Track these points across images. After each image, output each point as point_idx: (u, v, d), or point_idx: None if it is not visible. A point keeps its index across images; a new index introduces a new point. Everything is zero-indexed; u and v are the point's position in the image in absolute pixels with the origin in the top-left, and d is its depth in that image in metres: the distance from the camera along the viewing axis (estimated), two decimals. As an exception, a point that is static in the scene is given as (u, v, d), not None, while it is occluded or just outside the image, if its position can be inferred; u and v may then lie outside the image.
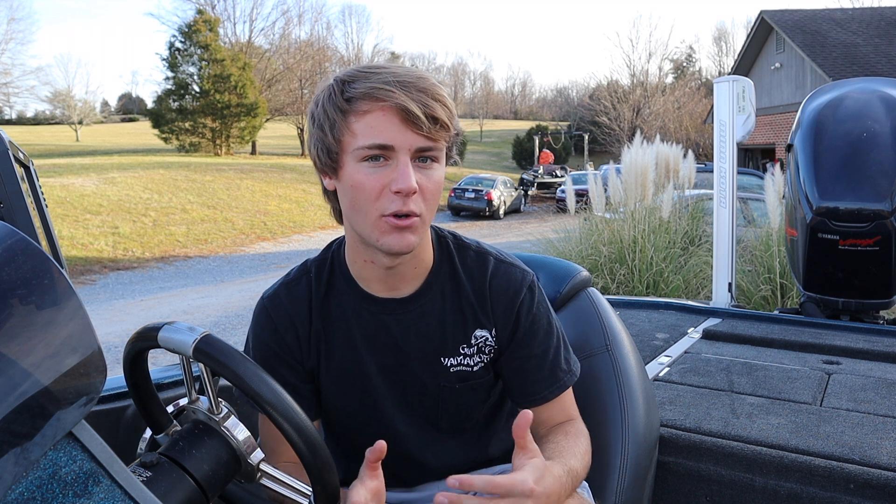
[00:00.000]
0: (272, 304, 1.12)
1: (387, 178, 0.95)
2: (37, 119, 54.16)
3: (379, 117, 0.94)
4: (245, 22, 40.97)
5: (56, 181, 14.58)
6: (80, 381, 0.63)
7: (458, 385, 1.12)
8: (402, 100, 0.93)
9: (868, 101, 2.84)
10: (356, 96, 0.95)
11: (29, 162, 1.90)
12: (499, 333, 1.12)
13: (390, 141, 0.94)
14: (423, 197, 0.97)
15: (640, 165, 5.57)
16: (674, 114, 34.52)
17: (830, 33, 18.66)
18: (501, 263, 1.13)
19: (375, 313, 1.10)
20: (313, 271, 1.13)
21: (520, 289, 1.11)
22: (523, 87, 74.40)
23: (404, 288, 1.09)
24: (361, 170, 0.96)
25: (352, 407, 1.13)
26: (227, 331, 6.62)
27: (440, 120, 0.95)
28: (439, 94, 0.96)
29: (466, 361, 1.11)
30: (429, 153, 0.97)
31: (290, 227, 15.54)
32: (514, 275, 1.12)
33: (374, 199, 0.96)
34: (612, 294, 4.95)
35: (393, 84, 0.94)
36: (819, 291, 2.89)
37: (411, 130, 0.94)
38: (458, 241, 1.15)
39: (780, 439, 1.54)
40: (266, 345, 1.10)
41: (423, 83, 0.95)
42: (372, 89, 0.94)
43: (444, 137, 0.98)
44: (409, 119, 0.93)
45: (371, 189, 0.96)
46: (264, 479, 0.89)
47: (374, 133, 0.94)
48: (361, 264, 1.08)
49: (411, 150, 0.95)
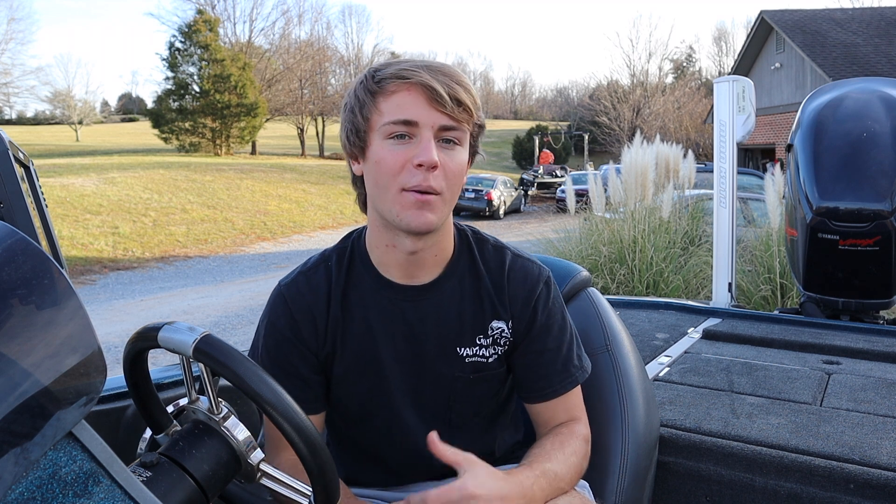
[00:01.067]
0: (290, 293, 1.12)
1: (410, 154, 0.99)
2: (37, 119, 54.17)
3: (405, 96, 0.99)
4: (245, 22, 40.99)
5: (56, 181, 14.58)
6: (80, 381, 0.62)
7: (473, 376, 1.13)
8: (426, 79, 0.98)
9: (868, 101, 2.84)
10: (385, 77, 1.01)
11: (29, 162, 1.90)
12: (515, 326, 1.14)
13: (415, 117, 0.99)
14: (444, 175, 1.00)
15: (640, 165, 5.57)
16: (674, 114, 34.52)
17: (830, 33, 18.66)
18: (518, 258, 1.16)
19: (394, 300, 1.11)
20: (333, 259, 1.14)
21: (537, 283, 1.14)
22: (523, 87, 74.52)
23: (424, 276, 1.11)
24: (386, 146, 1.00)
25: (362, 397, 1.14)
26: (227, 331, 6.62)
27: (463, 102, 1.00)
28: (463, 80, 1.02)
29: (482, 352, 1.13)
30: (452, 133, 1.01)
31: (290, 227, 15.54)
32: (532, 269, 1.15)
33: (396, 172, 1.00)
34: (612, 294, 4.95)
35: (420, 66, 1.00)
36: (819, 291, 2.89)
37: (435, 108, 0.99)
38: (476, 235, 1.18)
39: (780, 439, 1.54)
40: (280, 332, 1.11)
41: (447, 69, 1.02)
42: (400, 70, 1.00)
43: (467, 121, 1.02)
44: (433, 97, 0.98)
45: (394, 163, 0.99)
46: (264, 479, 0.89)
47: (399, 110, 0.99)
48: (383, 249, 1.10)
49: (434, 127, 0.99)
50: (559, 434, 1.11)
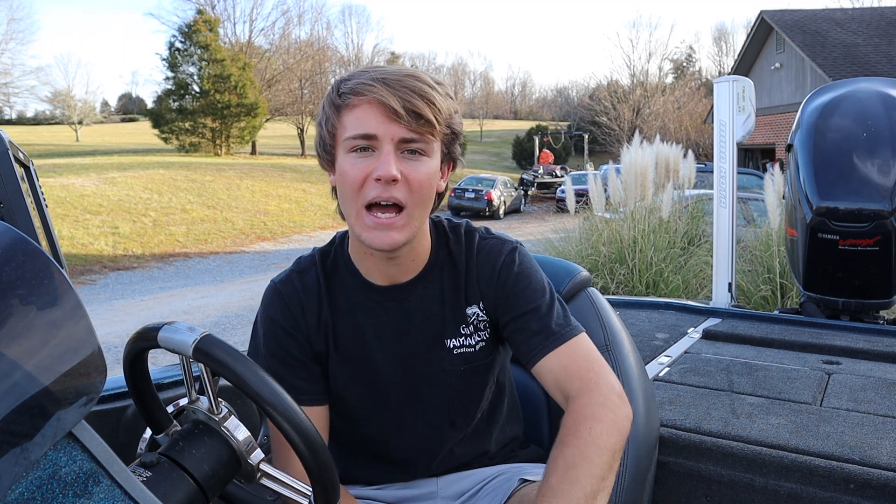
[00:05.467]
0: (285, 288, 1.14)
1: (370, 167, 0.99)
2: (37, 119, 54.15)
3: (365, 110, 0.99)
4: (245, 22, 40.93)
5: (56, 181, 14.58)
6: (80, 381, 0.62)
7: (464, 367, 1.13)
8: (383, 95, 0.97)
9: (868, 101, 2.84)
10: (346, 92, 1.01)
11: (29, 162, 1.90)
12: (486, 304, 1.13)
13: (373, 130, 0.98)
14: (408, 188, 1.00)
15: (639, 165, 5.56)
16: (674, 114, 34.50)
17: (830, 33, 18.66)
18: (486, 239, 1.16)
19: (379, 301, 1.12)
20: (318, 261, 1.16)
21: (500, 254, 1.14)
22: (523, 87, 74.42)
23: (404, 276, 1.12)
24: (349, 160, 1.01)
25: (359, 397, 1.14)
26: (227, 331, 6.61)
27: (423, 116, 0.98)
28: (425, 91, 0.99)
29: (467, 342, 1.13)
30: (414, 145, 1.00)
31: (290, 227, 15.54)
32: (496, 245, 1.15)
33: (357, 187, 1.00)
34: (612, 294, 4.95)
35: (378, 80, 0.99)
36: (819, 291, 2.89)
37: (394, 122, 0.98)
38: (451, 223, 1.19)
39: (780, 439, 1.54)
40: (278, 324, 1.12)
41: (408, 81, 0.99)
42: (358, 85, 0.99)
43: (431, 132, 1.01)
44: (390, 113, 0.97)
45: (355, 177, 1.00)
46: (264, 479, 0.89)
47: (359, 124, 0.99)
48: (362, 255, 1.11)
49: (394, 140, 0.99)
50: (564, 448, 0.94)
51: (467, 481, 1.21)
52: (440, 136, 1.03)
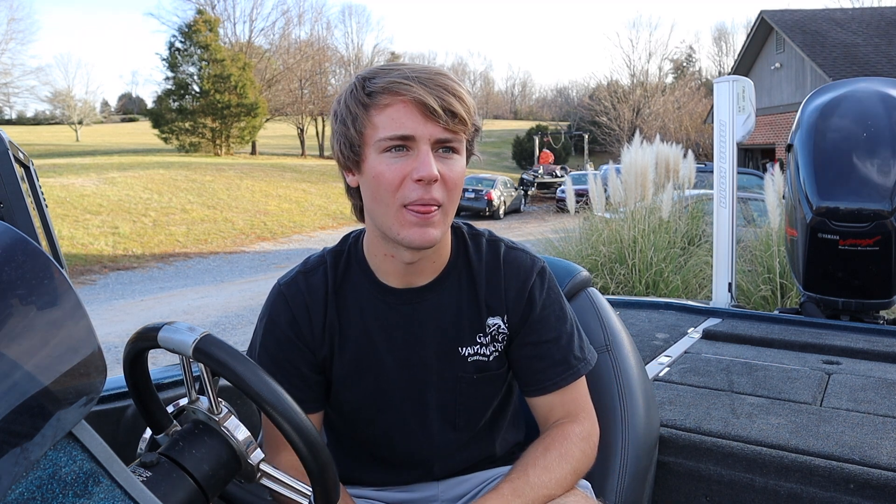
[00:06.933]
0: (290, 291, 1.12)
1: (408, 168, 0.97)
2: (37, 119, 54.14)
3: (399, 110, 0.97)
4: (245, 22, 40.94)
5: (56, 181, 14.58)
6: (80, 381, 0.62)
7: (476, 376, 1.13)
8: (420, 94, 0.95)
9: (868, 101, 2.84)
10: (377, 90, 0.98)
11: (29, 162, 1.90)
12: (510, 319, 1.13)
13: (411, 131, 0.96)
14: (445, 187, 0.99)
15: (639, 165, 5.56)
16: (674, 114, 34.51)
17: (830, 33, 18.66)
18: (512, 250, 1.15)
19: (392, 304, 1.11)
20: (330, 262, 1.14)
21: (530, 273, 1.13)
22: (523, 87, 74.45)
23: (421, 280, 1.11)
24: (383, 160, 0.98)
25: (363, 399, 1.13)
26: (227, 331, 6.61)
27: (458, 114, 0.97)
28: (456, 89, 0.99)
29: (483, 351, 1.12)
30: (449, 144, 0.99)
31: (290, 227, 15.54)
32: (524, 260, 1.15)
33: (395, 188, 0.98)
34: (612, 294, 4.95)
35: (412, 79, 0.97)
36: (819, 291, 2.89)
37: (431, 122, 0.96)
38: (471, 230, 1.17)
39: (780, 439, 1.54)
40: (280, 330, 1.11)
41: (440, 79, 0.98)
42: (391, 83, 0.97)
43: (463, 130, 1.00)
44: (428, 112, 0.96)
45: (392, 178, 0.97)
46: (264, 479, 0.89)
47: (395, 125, 0.97)
48: (381, 258, 1.09)
49: (431, 139, 0.97)
50: (545, 438, 1.10)
51: (467, 484, 1.21)
52: (468, 134, 1.03)
